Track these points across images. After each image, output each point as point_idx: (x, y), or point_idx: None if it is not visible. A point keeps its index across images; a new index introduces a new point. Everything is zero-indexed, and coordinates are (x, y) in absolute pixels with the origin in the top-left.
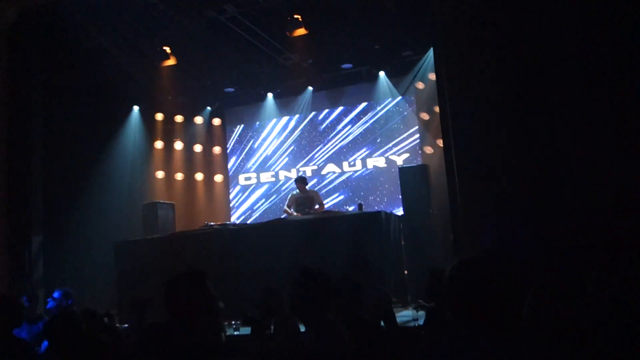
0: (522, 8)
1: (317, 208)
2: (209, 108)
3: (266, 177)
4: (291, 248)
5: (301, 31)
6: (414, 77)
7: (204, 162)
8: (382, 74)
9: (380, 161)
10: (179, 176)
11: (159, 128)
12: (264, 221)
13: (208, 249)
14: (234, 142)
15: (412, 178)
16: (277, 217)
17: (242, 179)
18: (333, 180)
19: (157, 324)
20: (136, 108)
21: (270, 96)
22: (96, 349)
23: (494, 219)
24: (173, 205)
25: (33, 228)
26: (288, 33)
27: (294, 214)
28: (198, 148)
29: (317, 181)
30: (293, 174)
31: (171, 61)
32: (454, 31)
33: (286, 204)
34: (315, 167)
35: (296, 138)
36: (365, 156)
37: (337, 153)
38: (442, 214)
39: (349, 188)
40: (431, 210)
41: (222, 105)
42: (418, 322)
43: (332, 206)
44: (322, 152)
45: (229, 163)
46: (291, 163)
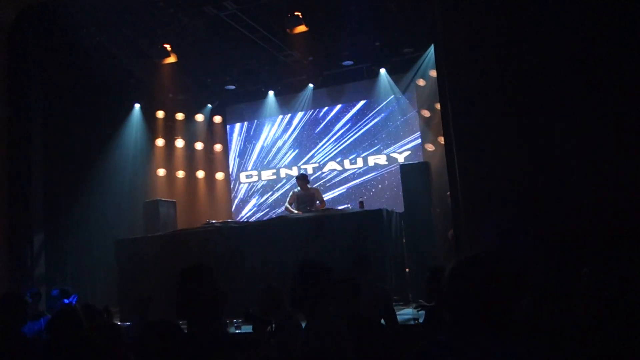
0: (523, 5)
1: (319, 205)
2: (210, 105)
3: (267, 175)
4: (292, 246)
5: (301, 28)
6: (415, 74)
7: (205, 160)
8: (383, 71)
9: (381, 159)
10: (180, 174)
11: (160, 126)
12: (265, 219)
13: (209, 247)
14: (235, 140)
15: (413, 175)
16: (279, 215)
17: (243, 177)
18: (334, 177)
19: (159, 322)
20: (137, 106)
21: (271, 93)
22: (96, 347)
23: (495, 217)
24: (174, 203)
25: (34, 226)
26: (288, 30)
27: (295, 212)
28: (199, 146)
29: (319, 179)
30: (294, 172)
31: (172, 59)
32: (455, 28)
33: (287, 202)
34: (316, 165)
35: (297, 136)
36: (366, 154)
37: (338, 150)
38: (444, 212)
39: (350, 186)
40: (432, 207)
41: (223, 102)
42: (418, 321)
43: (333, 204)
44: (323, 150)
45: (230, 160)
46: (292, 161)
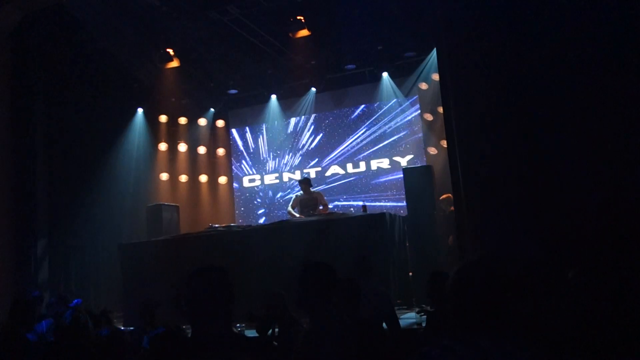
0: (525, 8)
1: (321, 209)
2: (213, 110)
3: (270, 179)
4: (296, 250)
5: (304, 32)
6: (418, 78)
7: (208, 164)
8: (386, 75)
9: (384, 162)
10: (183, 178)
11: (163, 130)
12: (268, 223)
13: (213, 251)
14: (238, 144)
15: (416, 179)
16: (281, 219)
17: (246, 181)
18: (337, 181)
19: (165, 332)
20: (140, 110)
21: (273, 97)
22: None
23: (498, 220)
24: (177, 207)
25: (38, 231)
26: (291, 34)
27: (297, 216)
28: (202, 150)
29: (321, 182)
30: (297, 176)
31: (174, 63)
32: (457, 32)
33: (290, 205)
34: (319, 169)
35: (300, 139)
36: (369, 157)
37: (341, 154)
38: (447, 215)
39: (353, 189)
40: (435, 211)
41: (226, 106)
42: (421, 325)
43: (336, 208)
44: (326, 154)
45: (233, 165)
46: (295, 164)
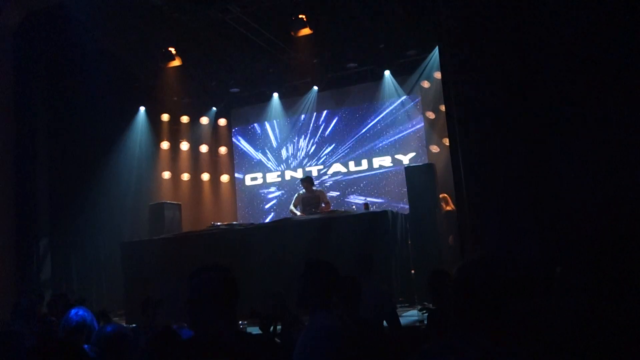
0: (528, 7)
1: (323, 207)
2: (215, 108)
3: (272, 177)
4: (298, 248)
5: (306, 31)
6: (420, 76)
7: (210, 163)
8: (388, 73)
9: (386, 160)
10: (185, 176)
11: (165, 129)
12: (271, 221)
13: (215, 250)
14: (240, 142)
15: (418, 177)
16: (284, 217)
17: (248, 179)
18: (339, 179)
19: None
20: (142, 109)
21: (275, 96)
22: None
23: (500, 218)
24: (179, 205)
25: (40, 229)
26: (293, 33)
27: (298, 214)
28: (204, 148)
29: (324, 181)
30: (299, 174)
31: (176, 62)
32: (460, 30)
33: (292, 204)
34: (321, 167)
35: (302, 138)
36: (371, 155)
37: (343, 152)
38: (449, 213)
39: (355, 187)
40: (437, 209)
41: (228, 105)
42: (424, 323)
43: (338, 206)
44: (328, 152)
45: (235, 163)
46: (297, 163)
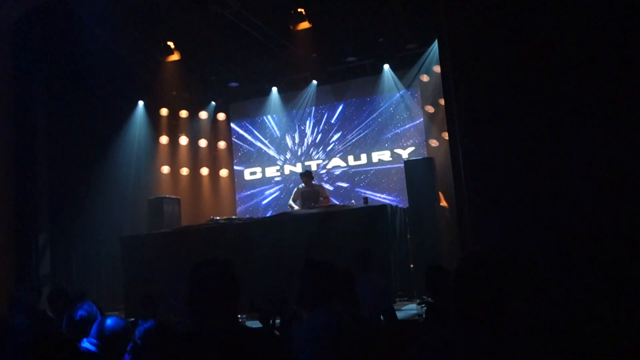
0: (529, 0)
1: (322, 201)
2: (214, 103)
3: (271, 172)
4: (297, 242)
5: (305, 25)
6: (419, 70)
7: (209, 157)
8: (387, 67)
9: (385, 154)
10: (184, 171)
11: (164, 123)
12: (270, 215)
13: (214, 244)
14: (239, 137)
15: (418, 171)
16: (283, 212)
17: (248, 174)
18: (338, 174)
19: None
20: (141, 103)
21: (274, 90)
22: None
23: (500, 213)
24: (178, 200)
25: (39, 224)
26: (292, 27)
27: (296, 208)
28: (203, 143)
29: (323, 175)
30: (298, 168)
31: (175, 56)
32: (459, 23)
33: (291, 198)
34: (320, 161)
35: (301, 132)
36: (370, 150)
37: (342, 147)
38: (448, 207)
39: (355, 182)
40: (437, 203)
41: (227, 100)
42: (422, 317)
43: (338, 200)
44: (328, 146)
45: (234, 157)
46: (296, 157)
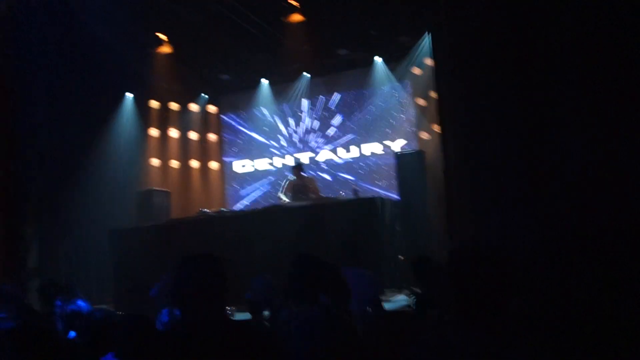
0: None
1: (313, 193)
2: (204, 95)
3: (262, 164)
4: (287, 235)
5: (297, 17)
6: (411, 63)
7: (199, 150)
8: (379, 60)
9: (376, 147)
10: (174, 164)
11: (154, 115)
12: (260, 208)
13: (204, 237)
14: (230, 129)
15: (409, 164)
16: (273, 204)
17: (238, 166)
18: (329, 166)
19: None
20: (130, 95)
21: (265, 83)
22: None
23: (490, 205)
24: (168, 193)
25: (26, 217)
26: (283, 19)
27: (286, 201)
28: (193, 135)
29: (313, 168)
30: (289, 161)
31: (165, 48)
32: (451, 16)
33: (282, 191)
34: (311, 154)
35: (292, 125)
36: (361, 142)
37: (333, 139)
38: (438, 200)
39: (345, 174)
40: (427, 195)
41: (218, 92)
42: (412, 307)
43: (328, 193)
44: (318, 139)
45: (225, 150)
46: (287, 150)
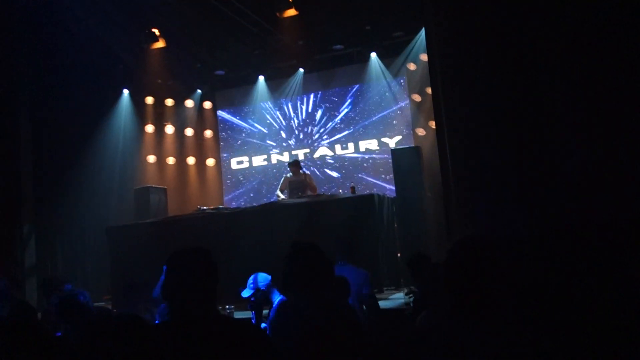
0: None
1: (310, 190)
2: (200, 91)
3: (258, 161)
4: (284, 231)
5: (291, 12)
6: (406, 58)
7: (196, 146)
8: (374, 55)
9: (372, 143)
10: (171, 160)
11: (150, 112)
12: (257, 205)
13: (201, 233)
14: (226, 125)
15: (405, 160)
16: (270, 201)
17: (234, 163)
18: (326, 163)
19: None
20: (126, 92)
21: (261, 78)
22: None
23: (487, 201)
24: (165, 189)
25: (23, 216)
26: (278, 14)
27: (284, 198)
28: (189, 132)
29: (310, 164)
30: (286, 157)
31: (160, 43)
32: (446, 11)
33: (279, 188)
34: (307, 150)
35: (288, 121)
36: (357, 139)
37: (330, 136)
38: (435, 196)
39: (342, 171)
40: (424, 192)
41: (213, 88)
42: (410, 305)
43: (325, 189)
44: (315, 135)
45: (221, 146)
46: (283, 146)
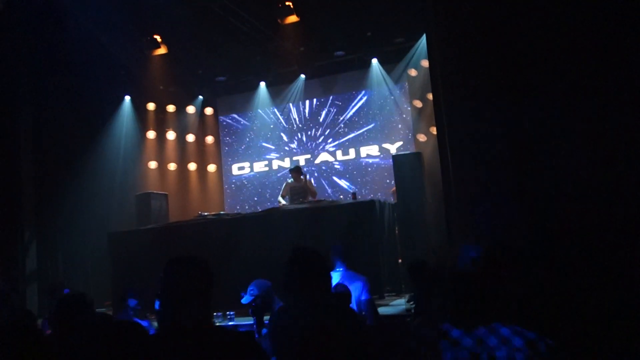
0: None
1: (311, 197)
2: (201, 97)
3: (259, 167)
4: (285, 237)
5: (292, 18)
6: (407, 64)
7: (197, 152)
8: (375, 61)
9: (373, 149)
10: (172, 166)
11: (151, 118)
12: (258, 211)
13: (202, 239)
14: (227, 131)
15: (406, 166)
16: (271, 207)
17: (236, 169)
18: (327, 169)
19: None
20: (127, 98)
21: (262, 85)
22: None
23: (488, 207)
24: (166, 195)
25: (25, 221)
26: (279, 20)
27: (285, 204)
28: (191, 138)
29: (311, 170)
30: (287, 163)
31: (162, 50)
32: (447, 17)
33: (280, 194)
34: (308, 156)
35: (289, 127)
36: (358, 144)
37: (331, 142)
38: (436, 202)
39: (343, 177)
40: (425, 198)
41: (214, 94)
42: (411, 312)
43: (326, 195)
44: (316, 141)
45: (222, 152)
46: (285, 152)
